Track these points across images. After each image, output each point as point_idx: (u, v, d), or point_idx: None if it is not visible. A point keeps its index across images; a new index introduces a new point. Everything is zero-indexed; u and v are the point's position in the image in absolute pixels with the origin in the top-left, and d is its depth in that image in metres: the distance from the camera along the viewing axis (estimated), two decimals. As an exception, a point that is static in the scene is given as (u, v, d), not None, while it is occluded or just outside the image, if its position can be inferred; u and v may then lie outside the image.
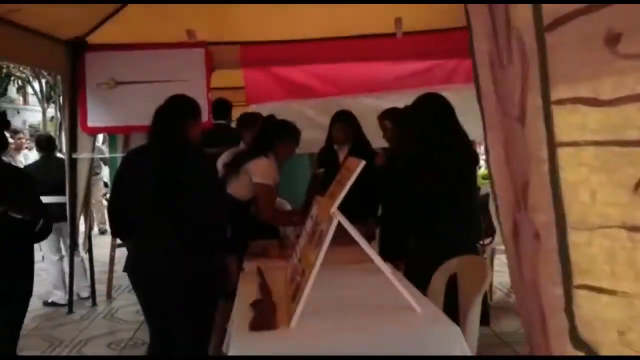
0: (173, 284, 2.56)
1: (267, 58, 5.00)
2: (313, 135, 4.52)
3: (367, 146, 4.25)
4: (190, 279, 2.56)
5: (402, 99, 4.62)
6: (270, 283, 2.54)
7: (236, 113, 5.97)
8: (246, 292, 2.52)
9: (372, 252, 2.19)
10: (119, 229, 2.81)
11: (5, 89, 23.84)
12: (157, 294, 2.62)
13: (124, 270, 2.69)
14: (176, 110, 2.69)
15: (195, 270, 2.57)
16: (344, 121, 4.16)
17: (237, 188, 3.42)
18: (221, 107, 5.28)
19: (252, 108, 5.04)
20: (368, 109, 4.62)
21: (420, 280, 2.55)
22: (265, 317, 2.07)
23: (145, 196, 2.57)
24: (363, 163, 2.15)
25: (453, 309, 2.40)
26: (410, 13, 4.80)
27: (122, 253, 5.16)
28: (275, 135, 3.56)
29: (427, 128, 2.89)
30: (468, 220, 2.92)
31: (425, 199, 2.83)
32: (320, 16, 4.78)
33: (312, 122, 4.85)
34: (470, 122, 4.69)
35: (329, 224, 2.04)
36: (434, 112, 2.94)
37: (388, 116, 3.81)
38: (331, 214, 2.04)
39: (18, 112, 26.86)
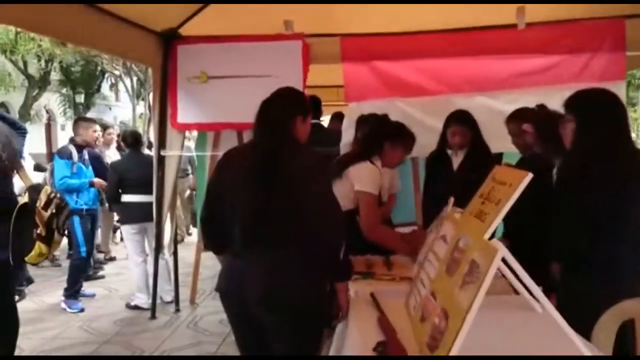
0: (276, 311, 2.15)
1: (369, 51, 4.53)
2: (419, 138, 4.04)
3: (487, 152, 3.71)
4: (297, 307, 2.15)
5: (522, 99, 4.08)
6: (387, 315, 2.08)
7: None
8: (361, 327, 2.07)
9: (534, 288, 1.67)
10: (214, 241, 2.41)
11: (99, 86, 24.72)
12: (256, 322, 2.21)
13: (216, 290, 2.31)
14: (285, 104, 2.28)
15: (303, 296, 2.15)
16: (462, 123, 3.64)
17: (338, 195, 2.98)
18: (314, 106, 4.89)
19: (351, 106, 4.59)
20: (482, 109, 4.07)
21: (575, 323, 2.00)
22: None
23: (245, 204, 2.17)
24: (529, 176, 1.65)
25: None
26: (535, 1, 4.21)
27: (207, 256, 4.93)
28: (385, 138, 3.09)
29: (590, 131, 2.29)
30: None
31: (582, 218, 2.26)
32: (429, 6, 4.27)
33: (418, 122, 4.32)
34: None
35: (487, 257, 1.54)
36: (596, 112, 2.33)
37: (525, 118, 3.23)
38: (494, 246, 1.54)
39: (110, 109, 27.80)
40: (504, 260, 1.60)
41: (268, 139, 2.21)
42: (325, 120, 6.93)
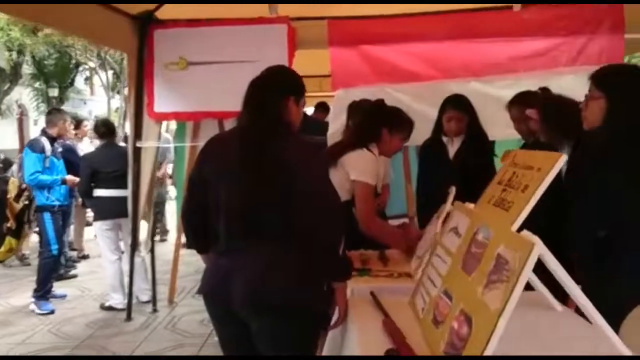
0: (268, 314, 1.91)
1: (358, 35, 4.29)
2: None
3: (485, 139, 3.51)
4: (290, 309, 1.91)
5: (519, 84, 3.90)
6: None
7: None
8: (363, 331, 1.83)
9: (574, 288, 1.45)
10: (196, 239, 2.16)
11: (73, 80, 24.13)
12: (244, 326, 1.97)
13: (198, 292, 2.06)
14: (276, 84, 2.04)
15: (297, 297, 1.91)
16: (458, 107, 3.43)
17: None
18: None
19: (338, 94, 4.35)
20: (477, 96, 3.84)
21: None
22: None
23: (232, 194, 1.93)
24: (563, 158, 1.43)
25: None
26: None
27: (186, 252, 4.68)
28: (382, 124, 2.86)
29: (625, 109, 2.04)
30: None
31: (605, 204, 2.04)
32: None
33: (409, 110, 4.09)
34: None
35: (519, 252, 1.32)
36: (632, 89, 2.08)
37: (528, 102, 3.01)
38: (528, 239, 1.32)
39: (85, 103, 27.18)
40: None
41: (258, 122, 1.96)
42: (308, 111, 6.70)
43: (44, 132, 5.42)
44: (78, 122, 7.46)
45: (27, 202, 5.18)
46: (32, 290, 5.08)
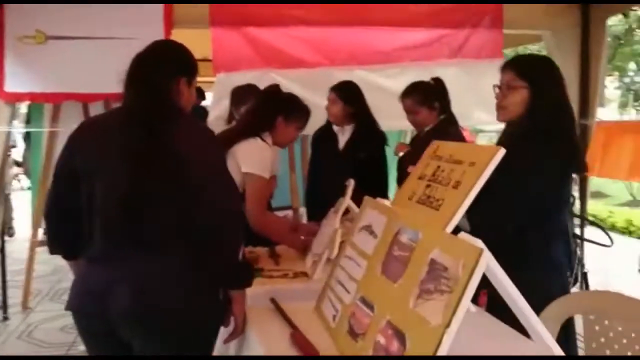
0: (155, 330, 1.63)
1: (242, 16, 4.01)
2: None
3: (375, 128, 3.42)
4: (182, 323, 1.64)
5: (404, 73, 3.93)
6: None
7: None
8: (269, 344, 1.62)
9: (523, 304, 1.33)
10: (63, 244, 1.80)
11: None
12: (124, 347, 1.67)
13: (66, 309, 1.71)
14: (166, 61, 1.75)
15: (189, 309, 1.64)
16: (336, 92, 3.34)
17: None
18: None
19: (220, 78, 4.05)
20: (361, 84, 3.75)
21: (509, 320, 1.73)
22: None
23: (111, 189, 1.62)
24: (502, 152, 1.31)
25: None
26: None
27: (42, 249, 4.12)
28: (277, 112, 2.64)
29: (549, 101, 1.97)
30: (567, 235, 2.10)
31: (514, 197, 1.98)
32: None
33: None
34: (474, 105, 3.95)
35: (460, 257, 1.17)
36: (553, 79, 2.01)
37: (423, 93, 2.96)
38: (472, 243, 1.17)
39: None
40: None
41: (144, 102, 1.65)
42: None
43: None
44: None
45: None
46: None
